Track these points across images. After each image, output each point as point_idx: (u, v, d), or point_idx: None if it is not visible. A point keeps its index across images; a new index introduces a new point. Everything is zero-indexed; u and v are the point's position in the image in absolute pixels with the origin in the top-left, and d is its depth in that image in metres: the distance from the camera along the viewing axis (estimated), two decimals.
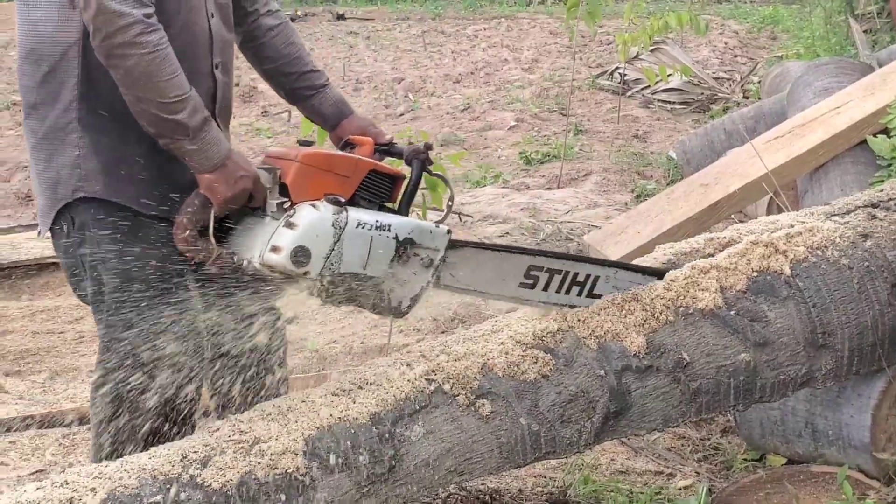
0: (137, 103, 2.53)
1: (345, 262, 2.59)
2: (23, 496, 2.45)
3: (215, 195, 2.62)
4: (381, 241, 2.64)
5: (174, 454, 2.60)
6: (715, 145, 7.67)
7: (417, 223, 2.73)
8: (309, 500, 2.62)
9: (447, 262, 2.81)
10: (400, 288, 2.74)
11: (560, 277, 2.98)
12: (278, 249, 2.52)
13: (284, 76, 3.11)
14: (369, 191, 2.74)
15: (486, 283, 2.91)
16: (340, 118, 3.15)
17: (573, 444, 2.86)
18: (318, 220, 2.56)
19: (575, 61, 12.03)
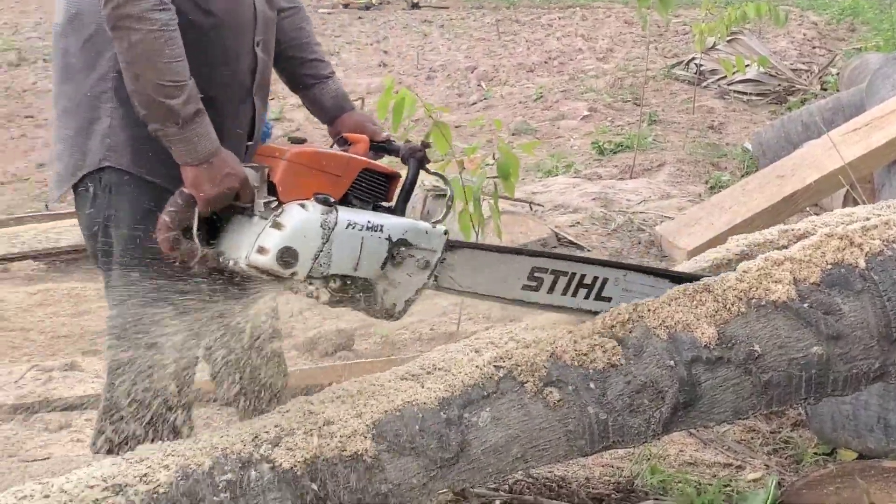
0: (134, 81, 2.48)
1: (334, 263, 2.53)
2: (98, 471, 2.51)
3: (200, 193, 2.54)
4: (373, 242, 2.58)
5: (246, 434, 2.65)
6: (791, 137, 7.58)
7: (413, 224, 2.66)
8: (377, 482, 2.65)
9: (445, 264, 2.76)
10: (394, 290, 2.68)
11: (566, 279, 2.92)
12: (265, 250, 2.46)
13: (288, 60, 3.07)
14: (362, 190, 2.68)
15: (487, 285, 2.86)
16: (339, 112, 3.11)
17: (641, 434, 2.85)
18: (306, 221, 2.50)
19: (649, 51, 11.92)
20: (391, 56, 16.31)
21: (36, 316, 5.63)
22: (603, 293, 2.97)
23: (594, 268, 2.96)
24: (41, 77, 14.64)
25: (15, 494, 2.44)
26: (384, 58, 16.12)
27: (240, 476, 2.55)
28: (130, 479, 2.48)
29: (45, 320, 5.68)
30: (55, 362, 4.83)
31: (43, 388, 4.43)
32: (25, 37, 17.86)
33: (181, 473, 2.52)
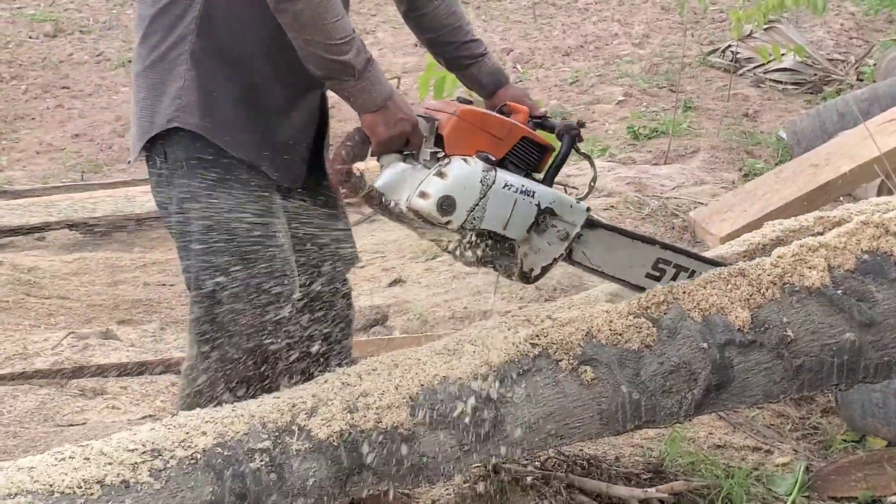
0: (306, 46, 2.58)
1: (487, 218, 2.67)
2: (137, 435, 2.57)
3: (375, 134, 2.67)
4: (524, 206, 2.71)
5: (283, 403, 2.70)
6: (827, 126, 7.55)
7: (560, 195, 2.79)
8: (412, 455, 2.69)
9: (581, 240, 2.89)
10: (534, 255, 2.82)
11: (686, 276, 3.02)
12: (426, 195, 2.61)
13: (445, 45, 3.16)
14: (519, 156, 2.80)
15: (615, 266, 2.98)
16: (497, 87, 3.18)
17: (673, 414, 2.88)
18: (468, 174, 2.64)
19: (686, 38, 11.88)
20: None
21: (72, 284, 5.70)
22: None
23: (710, 268, 3.04)
24: (77, 49, 14.72)
25: (55, 456, 2.50)
26: None
27: (276, 444, 2.60)
28: (169, 443, 2.53)
29: (80, 288, 5.75)
30: (91, 330, 4.90)
31: (79, 355, 4.50)
32: (63, 8, 17.95)
33: (218, 440, 2.57)
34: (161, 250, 6.15)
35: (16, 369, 4.33)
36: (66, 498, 2.35)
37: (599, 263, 2.96)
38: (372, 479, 2.67)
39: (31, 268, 5.77)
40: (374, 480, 2.68)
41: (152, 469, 2.45)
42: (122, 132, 9.66)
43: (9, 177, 8.04)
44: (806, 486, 3.31)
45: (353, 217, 7.26)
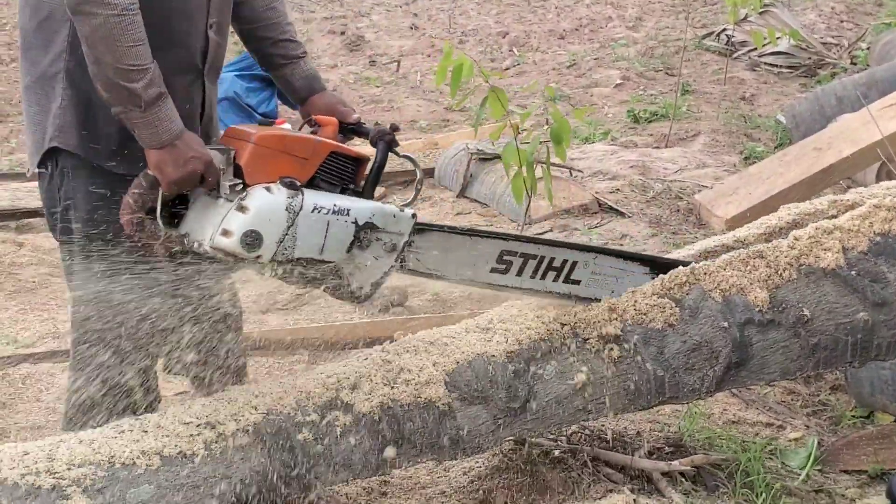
0: (95, 64, 2.45)
1: (299, 246, 2.52)
2: (192, 409, 2.69)
3: (163, 175, 2.52)
4: (339, 226, 2.57)
5: (328, 378, 2.82)
6: (825, 110, 7.66)
7: (380, 207, 2.65)
8: (448, 428, 2.81)
9: (414, 247, 2.77)
10: (360, 273, 2.69)
11: (535, 262, 2.95)
12: (229, 233, 2.44)
13: (259, 40, 3.05)
14: (330, 173, 2.65)
15: (455, 267, 2.87)
16: (310, 93, 3.06)
17: (695, 390, 3.01)
18: (271, 204, 2.47)
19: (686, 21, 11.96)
20: (421, 19, 16.34)
21: None
22: (572, 276, 3.02)
23: (563, 251, 3.00)
24: None
25: (114, 429, 2.62)
26: (414, 20, 16.16)
27: (321, 418, 2.72)
28: (222, 417, 2.65)
29: None
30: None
31: None
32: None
33: (268, 413, 2.69)
34: None
35: (50, 348, 4.43)
36: (127, 468, 2.47)
37: (437, 268, 2.84)
38: (412, 451, 2.80)
39: (52, 249, 5.80)
40: (414, 453, 2.80)
41: (207, 441, 2.58)
42: None
43: (20, 159, 8.08)
44: (818, 460, 3.43)
45: None
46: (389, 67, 12.46)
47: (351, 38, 14.07)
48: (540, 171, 4.41)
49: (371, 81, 11.69)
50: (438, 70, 4.23)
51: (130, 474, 2.46)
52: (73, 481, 2.40)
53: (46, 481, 2.38)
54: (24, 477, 2.38)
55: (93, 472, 2.43)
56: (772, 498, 3.07)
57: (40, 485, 2.37)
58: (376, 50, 13.35)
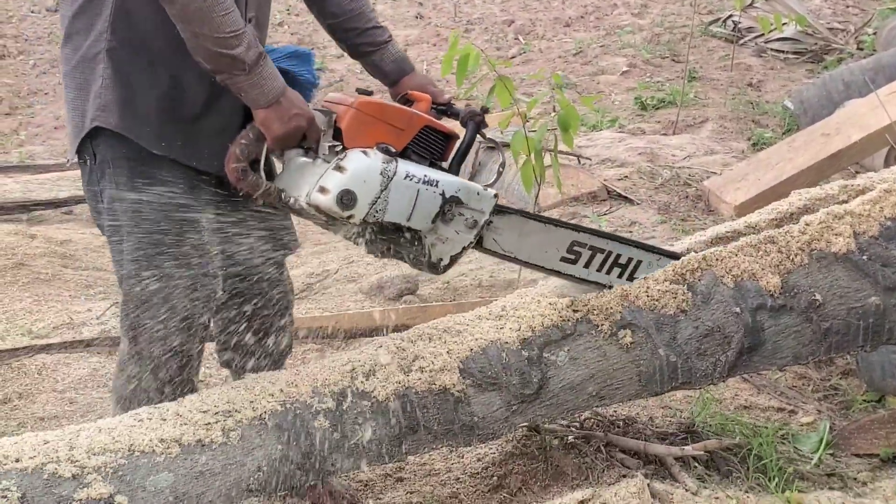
0: (194, 39, 2.50)
1: (390, 211, 2.62)
2: (209, 397, 2.71)
3: (269, 131, 2.61)
4: (427, 196, 2.67)
5: (343, 366, 2.84)
6: (833, 96, 7.66)
7: (465, 183, 2.74)
8: (463, 415, 2.83)
9: (492, 226, 2.86)
10: (441, 245, 2.77)
11: (602, 256, 3.02)
12: (325, 191, 2.55)
13: (347, 32, 3.10)
14: (422, 146, 2.75)
15: (528, 251, 2.95)
16: (401, 75, 3.14)
17: (708, 375, 3.02)
18: (367, 167, 2.58)
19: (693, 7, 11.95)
20: (426, 8, 16.33)
21: (106, 256, 5.79)
22: (636, 274, 3.07)
23: (631, 249, 3.06)
24: None
25: (133, 417, 2.65)
26: (420, 10, 16.15)
27: (337, 405, 2.74)
28: (239, 404, 2.67)
29: None
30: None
31: None
32: None
33: (285, 400, 2.71)
34: None
35: (64, 338, 4.46)
36: (146, 456, 2.50)
37: (512, 250, 2.93)
38: (427, 438, 2.82)
39: (65, 240, 5.86)
40: (429, 439, 2.82)
41: (225, 429, 2.60)
42: None
43: (29, 151, 8.11)
44: (830, 444, 3.44)
45: None
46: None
47: None
48: (548, 158, 4.42)
49: None
50: (444, 60, 4.23)
51: (150, 462, 2.49)
52: (93, 469, 2.42)
53: (67, 469, 2.40)
54: (44, 465, 2.40)
55: (113, 460, 2.46)
56: (784, 482, 3.08)
57: (61, 473, 2.40)
58: None
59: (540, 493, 3.09)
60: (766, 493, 3.03)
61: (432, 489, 3.19)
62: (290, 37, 13.98)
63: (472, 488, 3.19)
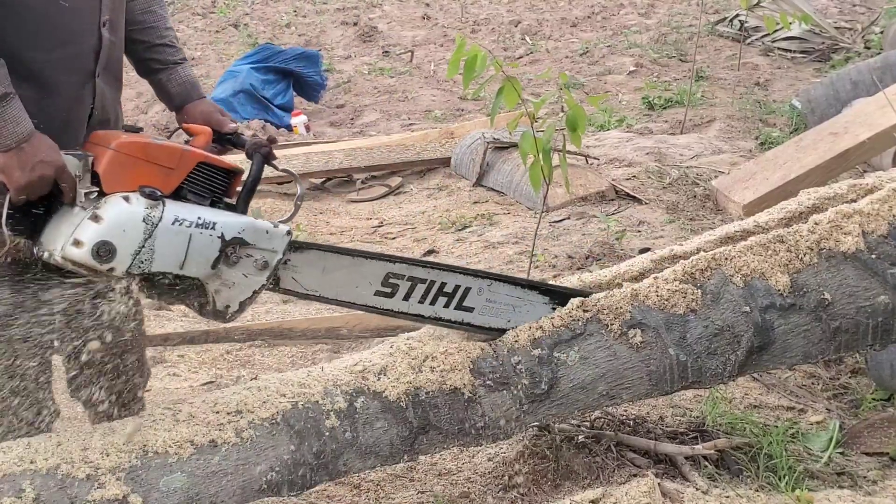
0: None
1: (157, 260, 2.40)
2: (222, 397, 2.72)
3: (10, 180, 2.37)
4: (203, 240, 2.46)
5: (355, 366, 2.85)
6: (840, 95, 7.67)
7: (251, 222, 2.55)
8: (474, 414, 2.84)
9: (290, 265, 2.67)
10: (227, 290, 2.57)
11: (424, 287, 2.85)
12: (80, 244, 2.33)
13: (134, 44, 2.86)
14: (199, 184, 2.54)
15: (335, 289, 2.76)
16: (186, 100, 2.93)
17: (718, 375, 3.02)
18: (127, 214, 2.36)
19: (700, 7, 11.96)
20: (433, 9, 16.37)
21: None
22: (465, 303, 2.91)
23: (455, 276, 2.90)
24: None
25: (147, 418, 2.66)
26: (427, 10, 16.19)
27: (349, 405, 2.75)
28: (251, 405, 2.69)
29: None
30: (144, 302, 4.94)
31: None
32: None
33: (297, 401, 2.73)
34: None
35: None
36: (160, 456, 2.51)
37: (316, 288, 2.73)
38: (438, 437, 2.83)
39: None
40: (440, 439, 2.83)
41: (237, 429, 2.61)
42: (146, 108, 9.75)
43: None
44: (839, 443, 3.44)
45: (377, 190, 7.44)
46: (403, 58, 12.48)
47: (364, 29, 14.12)
48: (556, 158, 4.43)
49: (385, 72, 11.72)
50: (451, 62, 4.23)
51: (163, 462, 2.50)
52: (107, 470, 2.44)
53: (81, 470, 2.42)
54: (58, 466, 2.42)
55: (126, 461, 2.47)
56: (795, 481, 3.08)
57: (75, 474, 2.41)
58: (389, 40, 13.39)
59: (550, 492, 3.10)
60: (777, 492, 3.03)
61: (443, 489, 3.20)
62: (298, 38, 14.01)
63: (482, 488, 3.20)
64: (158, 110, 9.45)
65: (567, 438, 3.25)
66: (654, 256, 3.30)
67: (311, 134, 9.52)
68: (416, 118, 9.87)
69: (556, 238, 5.70)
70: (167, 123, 8.83)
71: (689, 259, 3.10)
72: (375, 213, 7.06)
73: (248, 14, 17.04)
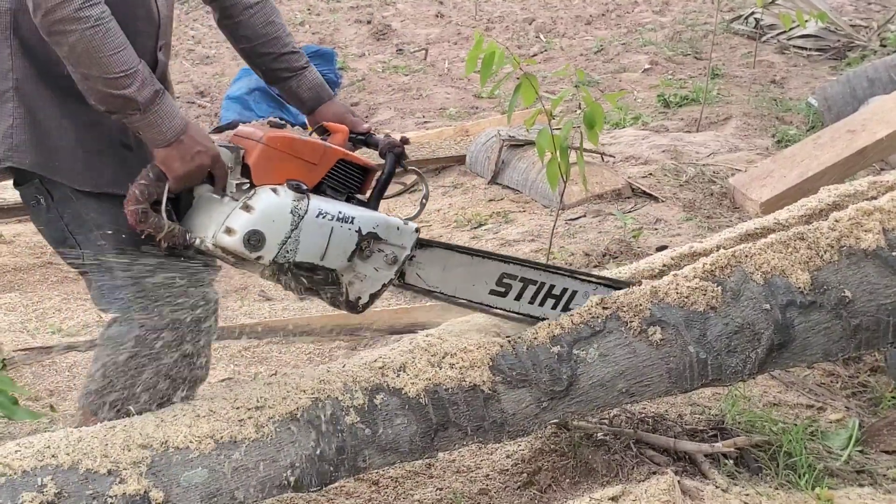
0: (84, 81, 2.42)
1: (301, 250, 2.53)
2: (241, 394, 2.73)
3: (170, 170, 2.49)
4: (342, 233, 2.58)
5: (375, 362, 2.85)
6: (857, 93, 7.66)
7: (384, 218, 2.66)
8: (493, 411, 2.84)
9: (414, 261, 2.78)
10: (359, 283, 2.69)
11: (535, 288, 2.95)
12: (232, 231, 2.46)
13: (261, 56, 2.99)
14: (337, 180, 2.66)
15: (454, 286, 2.88)
16: (318, 103, 3.02)
17: (738, 372, 3.02)
18: (276, 206, 2.49)
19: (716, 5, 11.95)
20: (447, 7, 16.35)
21: None
22: (571, 305, 3.01)
23: (564, 279, 2.99)
24: None
25: (168, 413, 2.66)
26: (440, 8, 16.17)
27: (369, 401, 2.75)
28: (272, 401, 2.69)
29: None
30: None
31: None
32: None
33: (316, 397, 2.73)
34: None
35: (94, 336, 4.46)
36: (180, 452, 2.52)
37: (437, 284, 2.85)
38: (458, 434, 2.83)
39: None
40: (459, 436, 2.83)
41: (258, 424, 2.62)
42: None
43: None
44: (859, 441, 3.43)
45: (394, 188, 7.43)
46: (417, 55, 12.48)
47: (377, 27, 14.12)
48: (573, 156, 4.42)
49: (399, 70, 11.72)
50: (469, 59, 4.23)
51: (184, 458, 2.51)
52: (128, 465, 2.45)
53: (102, 465, 2.43)
54: (80, 461, 2.43)
55: (147, 456, 2.48)
56: (814, 479, 3.08)
57: (96, 469, 2.42)
58: (403, 38, 13.38)
59: (569, 489, 3.09)
60: (796, 490, 3.03)
61: (462, 485, 3.20)
62: (312, 36, 14.02)
63: (501, 485, 3.20)
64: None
65: (586, 436, 3.24)
66: (673, 254, 3.30)
67: None
68: (430, 116, 9.86)
69: (573, 236, 5.69)
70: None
71: (708, 256, 3.10)
72: (390, 210, 7.05)
73: None
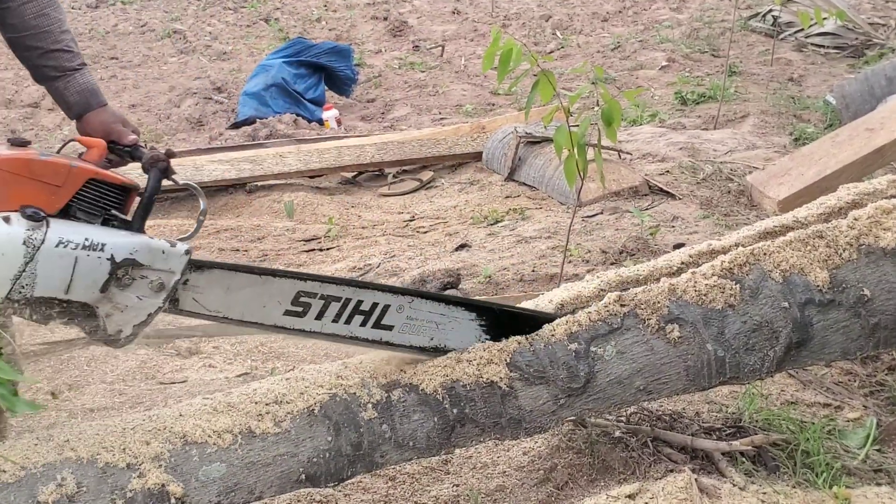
0: None
1: (40, 284, 2.29)
2: (263, 387, 2.74)
3: None
4: (90, 263, 2.34)
5: (392, 357, 2.86)
6: (875, 91, 7.63)
7: (145, 242, 2.41)
8: (510, 408, 2.84)
9: (189, 285, 2.53)
10: (119, 314, 2.44)
11: (338, 305, 2.71)
12: None
13: (28, 50, 2.76)
14: (90, 202, 2.40)
15: (241, 309, 2.61)
16: (86, 109, 2.78)
17: (756, 371, 3.01)
18: (6, 237, 2.24)
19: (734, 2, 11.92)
20: (463, 3, 16.35)
21: None
22: (383, 321, 2.79)
23: (373, 293, 2.76)
24: (121, 19, 14.90)
25: (186, 407, 2.67)
26: (457, 5, 16.17)
27: (387, 396, 2.76)
28: (290, 396, 2.70)
29: None
30: None
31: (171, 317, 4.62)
32: None
33: (334, 393, 2.73)
34: (230, 217, 6.29)
35: None
36: (199, 446, 2.52)
37: (219, 309, 2.58)
38: (475, 431, 2.83)
39: None
40: (476, 432, 2.83)
41: (276, 419, 2.62)
42: (178, 102, 9.77)
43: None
44: (876, 440, 3.42)
45: (409, 184, 7.45)
46: (433, 52, 12.48)
47: (394, 24, 14.13)
48: (591, 153, 4.42)
49: (416, 66, 11.72)
50: (486, 56, 4.22)
51: (202, 452, 2.51)
52: (147, 459, 2.45)
53: (121, 459, 2.43)
54: (98, 455, 2.43)
55: (166, 450, 2.49)
56: (832, 477, 3.07)
57: (115, 463, 2.42)
58: (419, 35, 13.39)
59: (587, 486, 3.09)
60: (814, 489, 3.01)
61: (478, 482, 3.19)
62: (328, 33, 14.04)
63: (518, 482, 3.19)
64: (191, 104, 9.48)
65: (603, 433, 3.24)
66: (691, 251, 3.29)
67: (342, 128, 9.54)
68: (446, 112, 9.87)
69: (590, 233, 5.69)
70: (199, 117, 8.86)
71: (727, 254, 3.08)
72: (407, 207, 7.06)
73: (278, 9, 17.09)
